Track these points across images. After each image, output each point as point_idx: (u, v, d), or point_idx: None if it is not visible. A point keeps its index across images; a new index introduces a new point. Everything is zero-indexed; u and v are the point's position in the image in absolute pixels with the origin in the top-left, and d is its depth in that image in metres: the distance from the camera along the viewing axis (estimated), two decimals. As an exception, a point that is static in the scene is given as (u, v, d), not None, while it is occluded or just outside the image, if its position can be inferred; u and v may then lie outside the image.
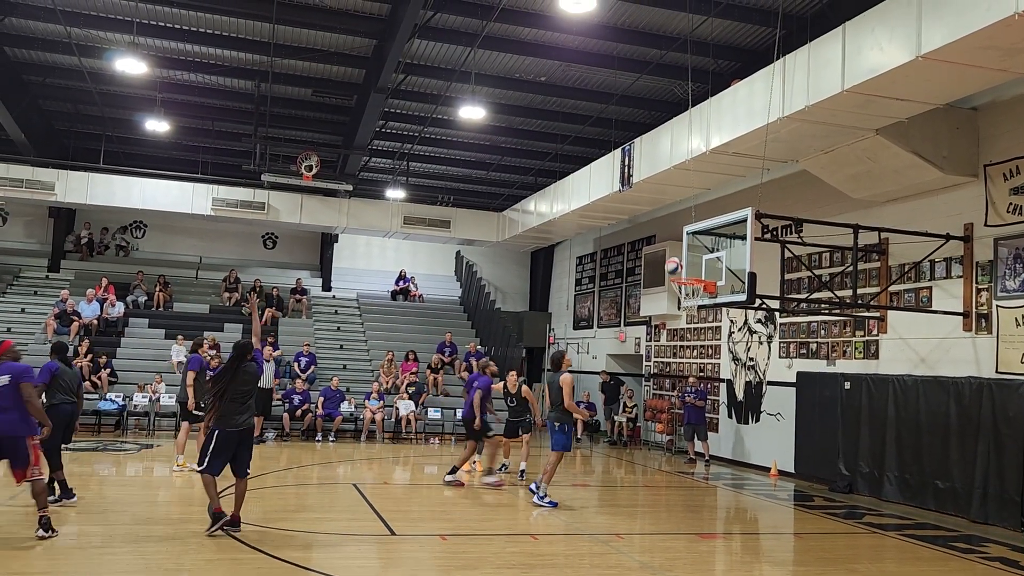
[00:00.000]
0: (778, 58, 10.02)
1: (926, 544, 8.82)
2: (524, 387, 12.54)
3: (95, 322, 18.55)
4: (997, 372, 10.14)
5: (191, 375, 11.91)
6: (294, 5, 13.46)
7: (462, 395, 19.02)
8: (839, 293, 12.01)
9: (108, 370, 16.89)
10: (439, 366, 19.31)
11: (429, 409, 17.98)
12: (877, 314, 12.04)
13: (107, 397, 16.21)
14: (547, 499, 10.09)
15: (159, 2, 13.47)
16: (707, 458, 15.23)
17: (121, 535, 7.75)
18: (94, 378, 16.57)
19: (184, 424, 12.02)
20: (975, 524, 9.96)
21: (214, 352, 17.75)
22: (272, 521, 8.58)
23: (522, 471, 12.26)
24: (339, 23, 13.87)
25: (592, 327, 22.03)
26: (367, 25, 13.97)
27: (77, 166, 19.15)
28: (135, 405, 16.30)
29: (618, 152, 14.59)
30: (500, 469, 12.44)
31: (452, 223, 21.01)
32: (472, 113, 15.08)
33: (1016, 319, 9.96)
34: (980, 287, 10.54)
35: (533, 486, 10.36)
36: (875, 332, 12.24)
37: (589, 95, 16.48)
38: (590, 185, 15.90)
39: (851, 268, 11.15)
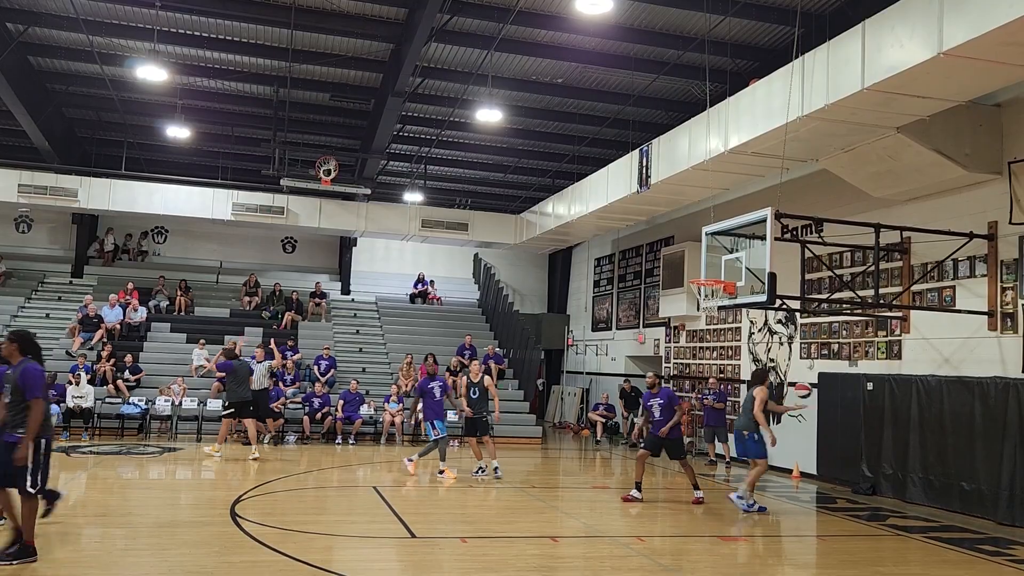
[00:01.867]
0: (797, 57, 9.95)
1: (952, 547, 8.71)
2: (487, 378, 12.83)
3: (118, 327, 18.73)
4: (1023, 372, 10.00)
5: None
6: (312, 11, 13.55)
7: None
8: (861, 293, 11.89)
9: (125, 372, 17.03)
10: (458, 368, 19.31)
11: (449, 411, 17.96)
12: (899, 314, 11.91)
13: (130, 401, 16.36)
14: (756, 505, 10.33)
15: (179, 10, 13.61)
16: (728, 460, 15.13)
17: (144, 538, 7.82)
18: (119, 382, 16.76)
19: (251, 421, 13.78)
20: (1002, 526, 9.81)
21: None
22: (292, 523, 8.62)
23: (495, 467, 12.44)
24: (356, 28, 13.94)
25: (611, 329, 21.97)
26: (384, 29, 14.03)
27: (99, 173, 19.37)
28: (157, 409, 16.42)
29: (636, 153, 14.55)
30: (477, 472, 12.53)
31: (470, 226, 21.03)
32: (489, 116, 15.09)
33: (1042, 318, 9.82)
34: (1005, 286, 10.40)
35: (735, 496, 10.52)
36: (898, 332, 12.12)
37: (606, 96, 16.46)
38: (608, 186, 15.86)
39: (873, 268, 11.05)
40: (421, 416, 12.83)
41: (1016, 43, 7.46)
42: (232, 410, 13.74)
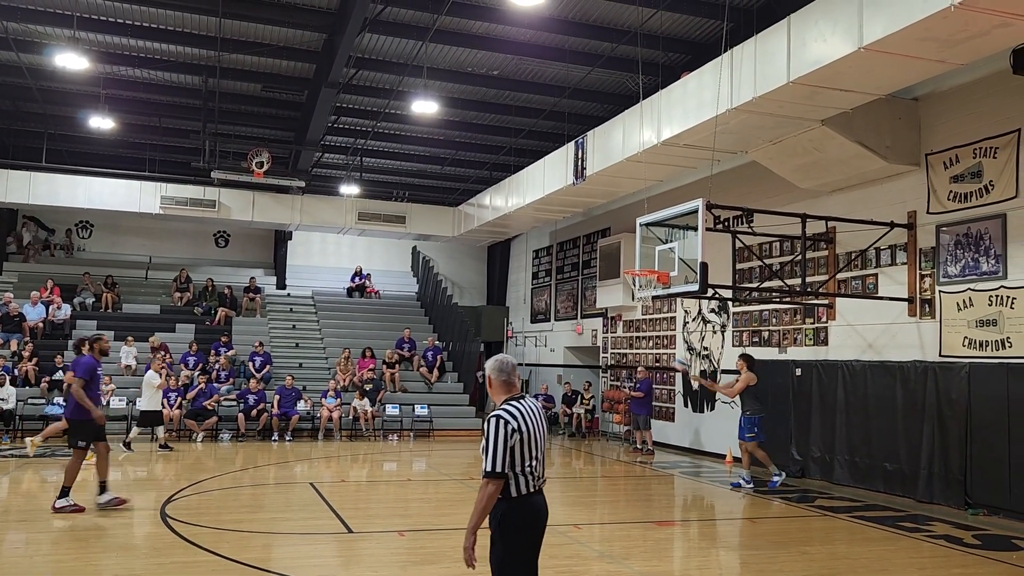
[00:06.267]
0: (726, 50, 10.14)
1: (875, 525, 9.05)
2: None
3: (40, 325, 18.06)
4: (940, 356, 10.43)
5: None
6: (240, -1, 13.23)
7: (421, 391, 19.03)
8: (789, 282, 12.24)
9: (57, 373, 16.42)
10: (396, 361, 19.20)
11: (387, 406, 17.89)
12: (826, 301, 12.29)
13: (55, 402, 15.80)
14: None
15: (100, -4, 13.14)
16: (649, 447, 15.44)
17: (68, 542, 7.58)
18: (44, 383, 16.17)
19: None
20: (921, 504, 10.24)
21: (163, 353, 17.50)
22: (228, 522, 8.46)
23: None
24: (288, 17, 13.66)
25: (549, 320, 22.12)
26: (316, 19, 13.80)
27: (18, 165, 18.58)
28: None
29: (571, 145, 14.65)
30: None
31: (407, 218, 20.88)
32: (425, 107, 14.97)
33: (958, 303, 10.25)
34: (923, 273, 10.82)
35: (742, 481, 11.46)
36: (824, 319, 12.50)
37: (542, 89, 16.52)
38: (544, 178, 15.93)
39: (800, 257, 11.36)
40: None
41: (931, 38, 7.74)
42: None
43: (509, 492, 4.02)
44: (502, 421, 3.97)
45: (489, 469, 3.93)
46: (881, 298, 11.22)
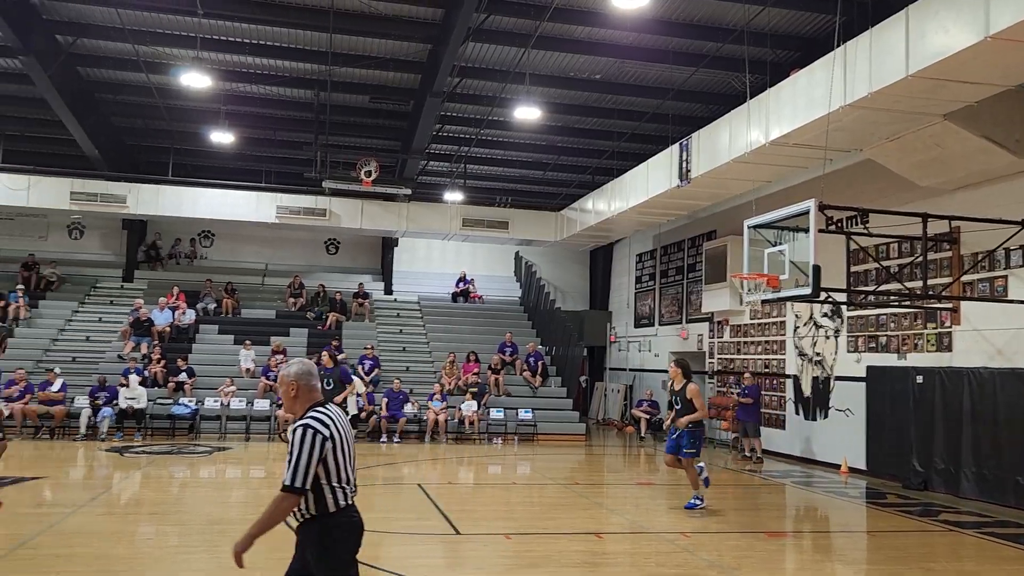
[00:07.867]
0: (839, 45, 9.78)
1: (1007, 542, 8.49)
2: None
3: (168, 329, 19.17)
4: (1080, 363, 9.72)
5: None
6: (349, 14, 13.71)
7: (525, 395, 19.16)
8: (909, 284, 11.65)
9: (181, 375, 17.38)
10: (500, 366, 19.37)
11: (491, 409, 18.07)
12: (949, 305, 11.63)
13: (180, 402, 16.74)
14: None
15: (221, 17, 13.88)
16: (758, 455, 14.97)
17: (196, 535, 8.01)
18: (170, 384, 17.17)
19: None
20: (1060, 522, 9.55)
21: (281, 356, 18.26)
22: (340, 521, 8.74)
23: None
24: (394, 30, 14.07)
25: (653, 325, 21.83)
26: (421, 30, 14.14)
27: (147, 179, 19.84)
28: (207, 409, 16.78)
29: (675, 147, 14.44)
30: None
31: (510, 224, 21.07)
32: (527, 114, 15.10)
33: (1100, 307, 9.51)
34: (1060, 275, 10.10)
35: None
36: (948, 324, 11.84)
37: (645, 91, 16.36)
38: (648, 182, 15.76)
39: (921, 258, 10.82)
40: None
41: (1067, 24, 7.25)
42: None
43: (325, 507, 3.75)
44: (311, 430, 3.70)
45: (289, 483, 3.64)
46: (1011, 301, 10.55)
